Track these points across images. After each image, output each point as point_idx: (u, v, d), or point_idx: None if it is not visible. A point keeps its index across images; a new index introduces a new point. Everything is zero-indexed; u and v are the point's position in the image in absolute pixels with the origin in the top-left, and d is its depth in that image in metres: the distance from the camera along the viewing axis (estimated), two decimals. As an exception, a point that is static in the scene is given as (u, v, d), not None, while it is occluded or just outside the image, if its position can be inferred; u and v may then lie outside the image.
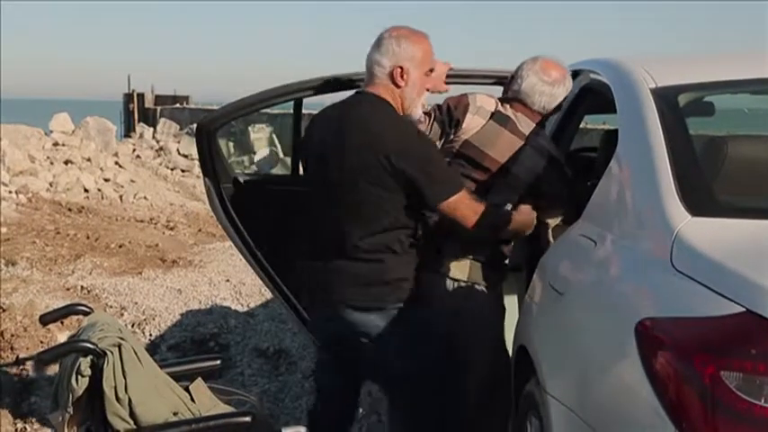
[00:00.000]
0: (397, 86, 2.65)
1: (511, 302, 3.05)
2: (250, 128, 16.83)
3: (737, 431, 1.52)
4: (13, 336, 5.06)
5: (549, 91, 2.86)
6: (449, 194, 2.58)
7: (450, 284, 2.80)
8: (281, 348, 5.12)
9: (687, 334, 1.64)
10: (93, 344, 2.26)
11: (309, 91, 3.22)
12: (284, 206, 3.26)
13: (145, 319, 5.70)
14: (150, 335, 5.45)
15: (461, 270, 2.79)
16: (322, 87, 3.22)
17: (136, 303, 6.08)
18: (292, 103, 3.36)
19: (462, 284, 2.80)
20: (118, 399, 2.24)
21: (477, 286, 2.80)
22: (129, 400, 2.24)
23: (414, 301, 2.68)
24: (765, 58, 2.56)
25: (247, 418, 2.33)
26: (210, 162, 3.24)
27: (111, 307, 6.03)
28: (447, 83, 3.00)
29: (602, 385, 1.93)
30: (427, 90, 2.73)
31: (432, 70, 2.72)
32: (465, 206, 2.60)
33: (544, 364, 2.30)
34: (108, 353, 2.25)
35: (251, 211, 3.28)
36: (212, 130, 3.24)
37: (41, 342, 4.99)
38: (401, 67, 2.63)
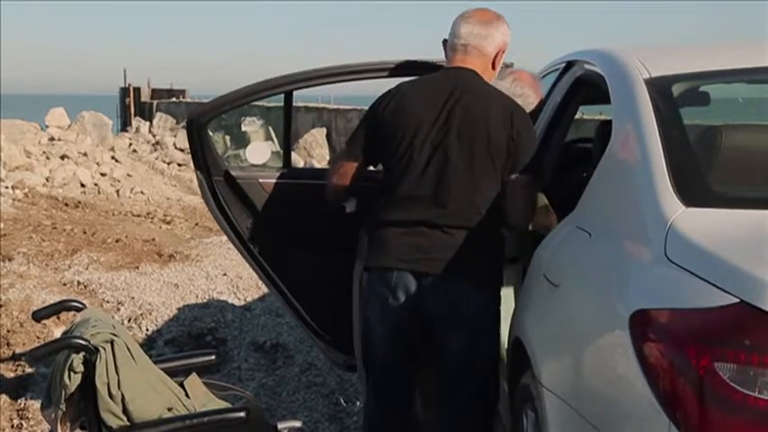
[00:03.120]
0: (494, 69, 2.73)
1: (507, 294, 3.04)
2: (241, 120, 16.86)
3: (731, 422, 1.52)
4: (9, 331, 5.06)
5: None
6: (532, 170, 2.64)
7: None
8: (279, 342, 5.12)
9: (681, 325, 1.63)
10: (85, 340, 2.24)
11: (300, 83, 3.20)
12: (278, 199, 3.24)
13: (142, 314, 5.69)
14: (147, 329, 5.44)
15: None
16: (313, 79, 3.21)
17: (133, 298, 6.07)
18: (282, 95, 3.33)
19: None
20: (111, 395, 2.23)
21: None
22: (122, 397, 2.23)
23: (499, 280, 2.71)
24: (760, 46, 2.55)
25: (242, 414, 2.32)
26: (202, 155, 3.22)
27: (107, 302, 6.02)
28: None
29: (596, 377, 1.92)
30: None
31: None
32: (533, 188, 2.67)
33: (539, 357, 2.29)
34: (100, 349, 2.24)
35: (243, 204, 3.27)
36: (203, 123, 3.22)
37: (38, 338, 4.98)
38: (503, 51, 2.73)
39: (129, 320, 5.59)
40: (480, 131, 2.57)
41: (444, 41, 2.81)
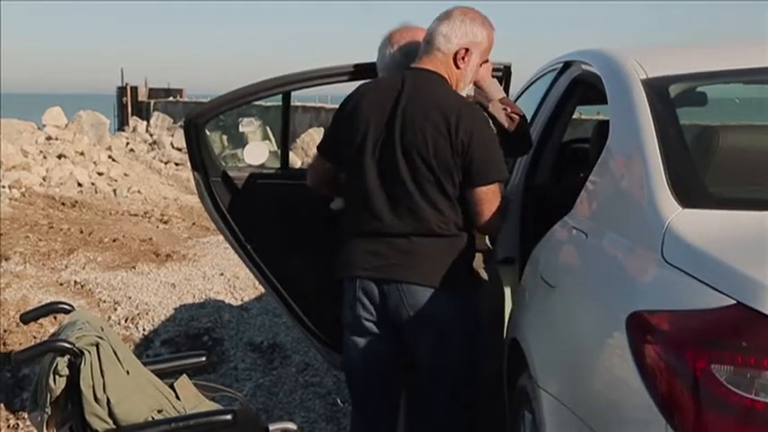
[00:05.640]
0: (457, 68, 2.62)
1: (504, 295, 3.04)
2: (239, 121, 16.89)
3: (728, 424, 1.51)
4: (5, 331, 5.06)
5: None
6: (496, 178, 2.56)
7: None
8: (275, 342, 5.11)
9: (678, 327, 1.63)
10: (70, 343, 2.22)
11: (299, 84, 3.19)
12: (274, 199, 3.23)
13: (138, 314, 5.68)
14: (144, 329, 5.44)
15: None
16: (312, 80, 3.20)
17: (129, 298, 6.07)
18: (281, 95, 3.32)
19: None
20: (96, 399, 2.20)
21: None
22: (108, 400, 2.21)
23: (477, 287, 2.67)
24: (757, 47, 2.55)
25: (228, 417, 2.28)
26: (199, 156, 3.22)
27: (104, 302, 6.01)
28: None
29: (593, 379, 1.92)
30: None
31: (486, 61, 2.72)
32: (496, 196, 2.56)
33: (536, 358, 2.29)
34: (85, 352, 2.21)
35: (241, 205, 3.26)
36: (201, 124, 3.21)
37: (34, 338, 4.98)
38: (466, 49, 2.61)
39: (125, 320, 5.59)
40: (420, 145, 2.50)
41: None
